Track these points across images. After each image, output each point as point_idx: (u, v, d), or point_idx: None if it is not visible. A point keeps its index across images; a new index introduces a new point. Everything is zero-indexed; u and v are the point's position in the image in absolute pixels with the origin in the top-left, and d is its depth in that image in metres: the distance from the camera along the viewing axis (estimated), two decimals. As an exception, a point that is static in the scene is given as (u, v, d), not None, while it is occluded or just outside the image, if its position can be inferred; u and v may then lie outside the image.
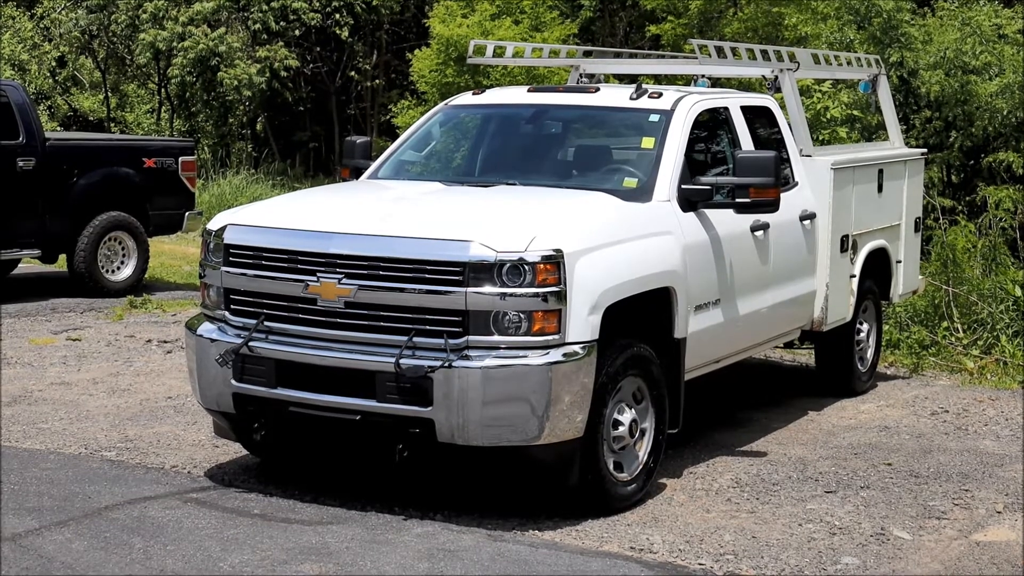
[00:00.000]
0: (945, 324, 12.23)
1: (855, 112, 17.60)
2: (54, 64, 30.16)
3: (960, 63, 17.91)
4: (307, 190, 9.08)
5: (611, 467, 7.08)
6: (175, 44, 27.21)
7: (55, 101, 30.25)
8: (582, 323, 6.70)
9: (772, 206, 7.98)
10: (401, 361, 6.58)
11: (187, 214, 15.39)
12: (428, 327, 6.64)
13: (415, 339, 6.64)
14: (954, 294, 12.43)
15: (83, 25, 28.80)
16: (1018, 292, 12.31)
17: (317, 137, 31.67)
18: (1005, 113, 17.34)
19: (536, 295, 6.56)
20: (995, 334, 11.93)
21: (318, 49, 30.44)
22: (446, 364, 6.53)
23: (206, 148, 28.15)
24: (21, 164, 13.74)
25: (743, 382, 10.45)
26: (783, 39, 20.70)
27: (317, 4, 28.58)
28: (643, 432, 7.31)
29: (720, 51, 9.23)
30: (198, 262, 7.59)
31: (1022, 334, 11.94)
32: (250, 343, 7.02)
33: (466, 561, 6.27)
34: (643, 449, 7.30)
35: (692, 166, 8.15)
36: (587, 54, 11.73)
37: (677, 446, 8.20)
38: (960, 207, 17.15)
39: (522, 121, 8.90)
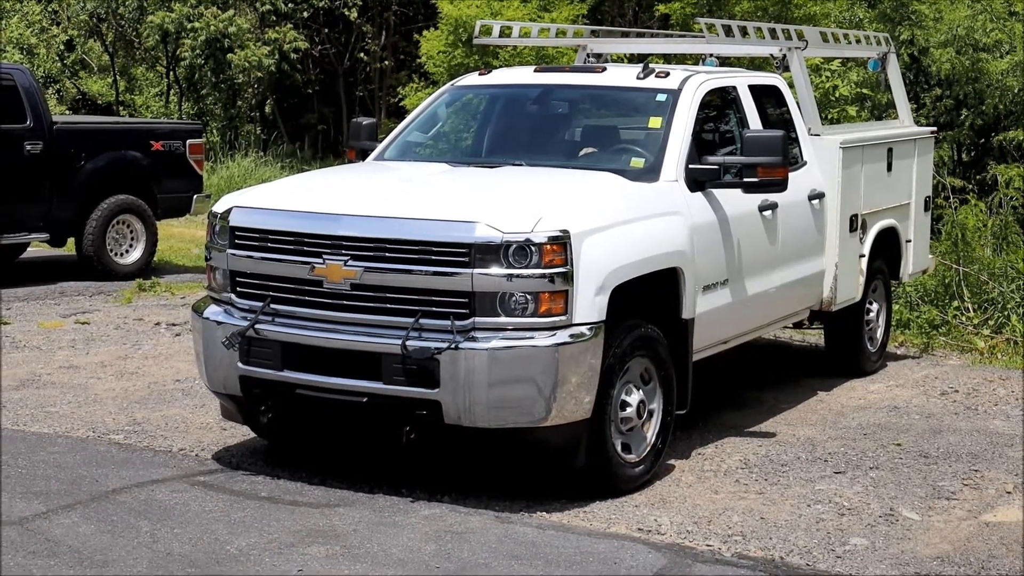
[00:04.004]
0: (955, 304, 12.18)
1: (864, 91, 17.52)
2: (62, 48, 30.10)
3: (971, 41, 17.83)
4: (313, 172, 9.07)
5: (619, 448, 7.06)
6: (185, 26, 27.17)
7: (64, 85, 30.22)
8: (589, 304, 6.68)
9: (780, 186, 7.93)
10: (407, 343, 6.57)
11: (195, 197, 15.38)
12: (434, 309, 6.62)
13: (421, 321, 6.62)
14: (964, 273, 12.38)
15: (91, 8, 28.75)
16: (1029, 271, 12.26)
17: (325, 119, 31.60)
18: (1016, 91, 17.27)
19: (543, 276, 6.54)
20: (1006, 313, 11.88)
21: (326, 31, 30.38)
22: (452, 346, 6.52)
23: (214, 131, 28.10)
24: (29, 148, 13.73)
25: (752, 362, 10.42)
26: (792, 18, 20.61)
27: (326, -15, 28.56)
28: (651, 413, 7.28)
29: (728, 30, 9.20)
30: (205, 245, 7.58)
31: (1033, 313, 11.90)
32: (256, 326, 7.01)
33: (473, 543, 6.26)
34: (651, 430, 7.28)
35: (700, 146, 8.11)
36: (594, 34, 11.69)
37: (685, 427, 8.17)
38: (970, 186, 17.09)
39: (528, 101, 8.88)
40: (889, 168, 10.28)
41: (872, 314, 10.34)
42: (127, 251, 14.72)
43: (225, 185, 22.08)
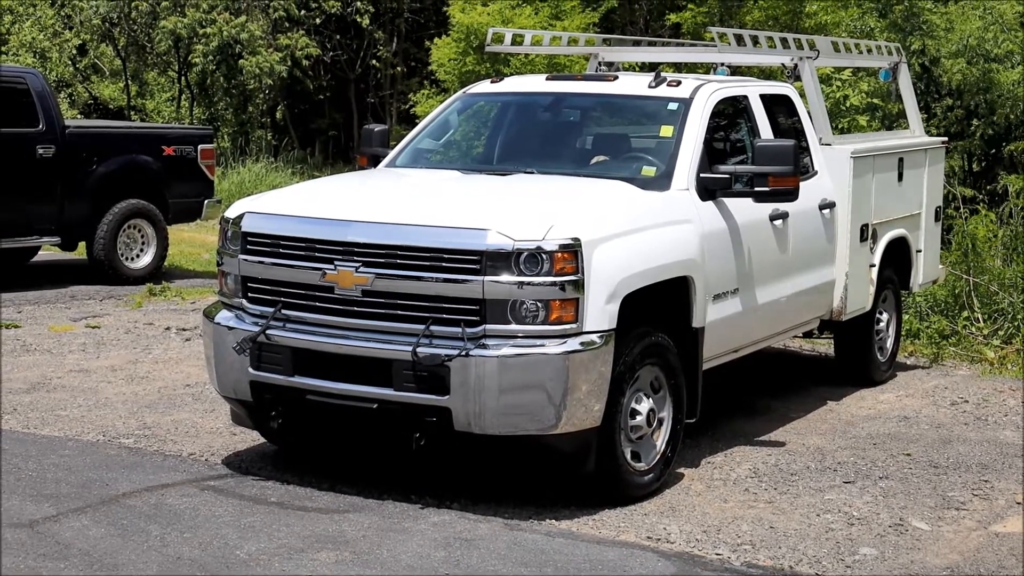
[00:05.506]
0: (965, 314, 12.17)
1: (875, 100, 17.54)
2: (75, 52, 30.17)
3: (982, 51, 17.84)
4: (325, 178, 9.09)
5: (628, 456, 7.07)
6: (197, 31, 27.23)
7: (76, 89, 30.28)
8: (600, 312, 6.68)
9: (791, 195, 7.94)
10: (418, 350, 6.57)
11: (206, 202, 15.41)
12: (445, 316, 6.63)
13: (432, 328, 6.63)
14: (974, 283, 12.37)
15: (104, 12, 28.81)
16: (1039, 282, 12.25)
17: (336, 125, 31.66)
18: (1027, 101, 17.27)
19: (554, 284, 6.54)
20: (1016, 324, 11.87)
21: (338, 37, 30.44)
22: (463, 353, 6.52)
23: (226, 136, 28.15)
24: (41, 152, 13.77)
25: (761, 371, 10.42)
26: (803, 27, 20.64)
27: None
28: (661, 421, 7.29)
29: (740, 39, 9.20)
30: (216, 250, 7.60)
31: (1043, 324, 11.88)
32: (267, 331, 7.02)
33: (483, 550, 6.26)
34: (660, 438, 7.28)
35: (711, 155, 8.12)
36: (606, 42, 11.71)
37: (695, 435, 8.17)
38: (981, 196, 17.09)
39: (540, 109, 8.89)
40: (900, 178, 10.28)
41: (882, 324, 10.34)
42: (138, 255, 14.74)
43: (236, 190, 22.13)
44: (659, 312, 7.33)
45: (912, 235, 10.55)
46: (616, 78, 8.86)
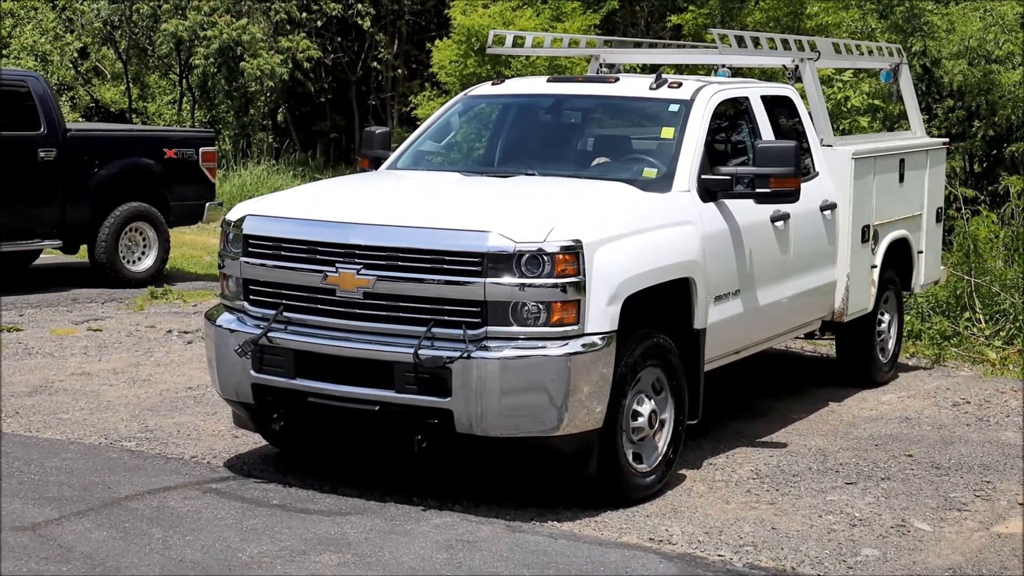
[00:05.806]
0: (967, 315, 12.17)
1: (876, 102, 17.55)
2: (76, 55, 30.18)
3: (983, 52, 17.84)
4: (326, 180, 9.10)
5: (630, 458, 7.07)
6: (198, 34, 27.24)
7: (77, 92, 30.29)
8: (601, 314, 6.68)
9: (792, 196, 7.95)
10: (420, 352, 6.58)
11: (208, 204, 15.42)
12: (447, 318, 6.63)
13: (434, 330, 6.63)
14: (976, 284, 12.37)
15: (105, 15, 28.81)
16: (1040, 282, 12.24)
17: (338, 127, 31.65)
18: (1028, 102, 17.26)
19: (555, 286, 6.54)
20: (1017, 325, 11.87)
21: (339, 39, 30.45)
22: (465, 355, 6.52)
23: (227, 139, 28.15)
24: (42, 155, 13.77)
25: (763, 372, 10.42)
26: (804, 29, 20.64)
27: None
28: (662, 423, 7.29)
29: (741, 41, 9.21)
30: (218, 252, 7.61)
31: (1045, 325, 11.88)
32: (269, 333, 7.02)
33: (485, 552, 6.26)
34: (662, 440, 7.29)
35: (712, 156, 8.13)
36: (607, 44, 11.71)
37: (696, 437, 8.17)
38: (982, 197, 17.09)
39: (541, 111, 8.90)
40: (901, 179, 10.28)
41: (884, 325, 10.33)
42: (139, 258, 14.75)
43: (237, 193, 22.14)
44: (660, 314, 7.34)
45: (913, 236, 10.55)
46: (617, 80, 8.87)
